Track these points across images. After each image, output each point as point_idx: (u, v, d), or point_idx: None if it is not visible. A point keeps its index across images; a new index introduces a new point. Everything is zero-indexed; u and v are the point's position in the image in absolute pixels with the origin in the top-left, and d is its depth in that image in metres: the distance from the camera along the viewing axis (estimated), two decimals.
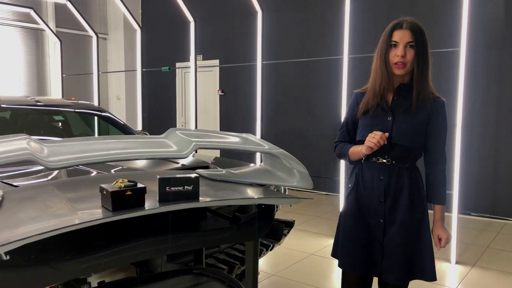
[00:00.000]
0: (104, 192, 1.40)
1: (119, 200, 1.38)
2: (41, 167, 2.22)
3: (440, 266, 3.75)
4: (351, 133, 2.00)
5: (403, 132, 1.83)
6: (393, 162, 1.85)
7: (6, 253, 1.24)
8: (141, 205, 1.44)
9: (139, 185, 1.47)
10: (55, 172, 2.30)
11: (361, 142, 1.87)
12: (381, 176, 1.86)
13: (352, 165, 2.02)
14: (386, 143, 1.77)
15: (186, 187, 1.62)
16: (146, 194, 1.45)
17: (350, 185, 1.99)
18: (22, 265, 1.23)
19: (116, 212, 1.35)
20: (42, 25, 7.30)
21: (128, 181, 1.49)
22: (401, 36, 1.79)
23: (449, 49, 4.10)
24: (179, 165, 2.69)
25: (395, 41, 1.80)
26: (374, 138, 1.75)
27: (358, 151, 1.89)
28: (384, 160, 1.86)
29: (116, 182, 1.45)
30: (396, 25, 1.82)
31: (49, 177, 2.26)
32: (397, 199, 1.85)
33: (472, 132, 4.97)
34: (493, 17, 5.03)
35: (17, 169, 2.32)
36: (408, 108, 1.83)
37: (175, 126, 8.43)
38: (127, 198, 1.41)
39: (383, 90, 1.85)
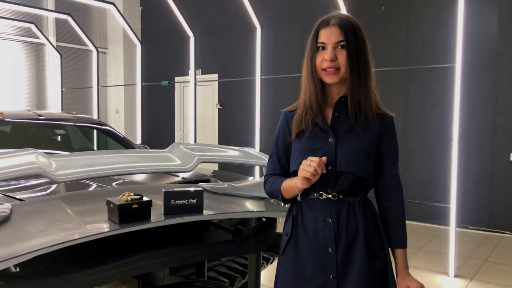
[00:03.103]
0: (111, 206, 1.44)
1: (125, 213, 1.42)
2: (41, 181, 2.26)
3: (439, 279, 3.77)
4: (283, 162, 1.54)
5: (350, 156, 1.41)
6: (341, 196, 1.42)
7: (15, 266, 1.27)
8: (147, 218, 1.47)
9: (145, 198, 1.51)
10: (54, 186, 2.32)
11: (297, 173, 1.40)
12: (327, 217, 1.42)
13: (288, 206, 1.58)
14: (324, 171, 1.35)
15: (190, 200, 1.66)
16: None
17: (286, 234, 1.51)
18: (32, 277, 1.26)
19: (123, 225, 1.38)
20: (43, 40, 7.37)
21: (134, 195, 1.53)
22: (328, 35, 1.40)
23: (444, 65, 4.18)
24: (179, 179, 2.72)
25: (322, 42, 1.41)
26: (310, 166, 1.32)
27: (292, 185, 1.43)
28: (329, 195, 1.43)
29: (123, 195, 1.48)
30: (322, 23, 1.43)
31: (49, 191, 2.28)
32: (352, 246, 1.41)
33: (468, 146, 5.03)
34: (487, 32, 5.13)
35: (18, 182, 2.34)
36: (352, 126, 1.43)
37: (174, 140, 8.46)
38: (133, 211, 1.45)
39: (318, 106, 1.44)
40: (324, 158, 1.35)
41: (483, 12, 5.07)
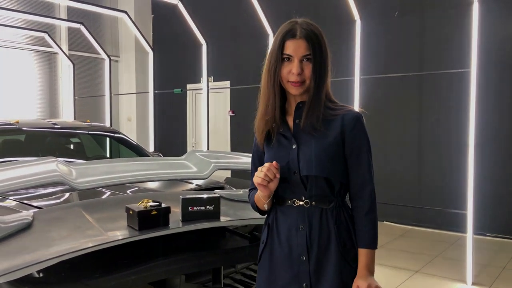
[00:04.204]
0: (131, 212, 1.45)
1: (145, 220, 1.43)
2: (56, 189, 2.27)
3: (456, 287, 3.71)
4: None
5: (311, 160, 1.41)
6: (313, 203, 1.42)
7: (38, 271, 1.28)
8: (166, 224, 1.48)
9: (163, 205, 1.52)
10: (68, 194, 2.32)
11: None
12: (300, 225, 1.42)
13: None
14: (278, 175, 1.38)
15: (207, 206, 1.67)
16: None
17: (262, 241, 1.53)
18: (54, 282, 1.27)
19: (142, 231, 1.39)
20: (56, 49, 7.47)
21: (153, 201, 1.54)
22: (295, 48, 1.40)
23: (460, 70, 4.15)
24: (194, 186, 2.73)
25: (288, 54, 1.41)
26: (261, 172, 1.36)
27: (258, 195, 1.47)
28: (301, 202, 1.43)
29: (142, 202, 1.49)
30: (288, 34, 1.43)
31: (64, 198, 2.29)
32: (324, 254, 1.41)
33: (485, 152, 4.96)
34: (503, 36, 5.09)
35: (33, 191, 2.36)
36: (313, 130, 1.43)
37: (186, 147, 8.49)
38: (152, 217, 1.46)
39: (279, 115, 1.47)
40: (274, 163, 1.38)
41: (498, 16, 5.03)
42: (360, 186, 1.44)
